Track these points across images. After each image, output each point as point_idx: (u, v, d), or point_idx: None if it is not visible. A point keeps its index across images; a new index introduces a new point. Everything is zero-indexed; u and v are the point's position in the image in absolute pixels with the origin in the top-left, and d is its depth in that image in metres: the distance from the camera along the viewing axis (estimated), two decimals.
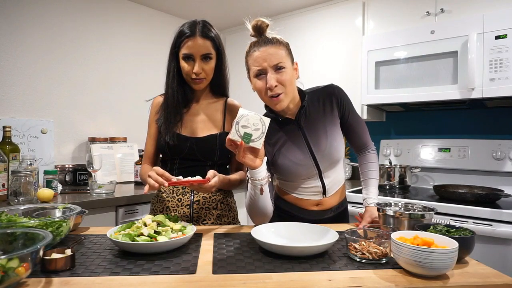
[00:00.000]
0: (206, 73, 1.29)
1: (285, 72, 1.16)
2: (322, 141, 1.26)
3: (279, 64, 1.16)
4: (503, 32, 1.82)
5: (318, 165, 1.27)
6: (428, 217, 1.07)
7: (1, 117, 2.10)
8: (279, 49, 1.18)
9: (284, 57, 1.17)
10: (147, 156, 1.42)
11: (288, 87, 1.18)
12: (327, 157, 1.27)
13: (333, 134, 1.28)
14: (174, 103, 1.33)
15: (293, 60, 1.24)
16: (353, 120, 1.31)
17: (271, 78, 1.15)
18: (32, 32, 2.24)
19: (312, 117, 1.28)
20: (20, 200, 1.69)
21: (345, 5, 2.54)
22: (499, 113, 2.24)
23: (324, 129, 1.27)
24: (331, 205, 1.34)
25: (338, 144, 1.28)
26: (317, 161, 1.27)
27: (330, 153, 1.26)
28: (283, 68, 1.16)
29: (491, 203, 1.77)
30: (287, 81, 1.17)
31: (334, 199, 1.34)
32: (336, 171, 1.32)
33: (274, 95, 1.18)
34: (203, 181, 1.11)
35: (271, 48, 1.17)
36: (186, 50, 1.26)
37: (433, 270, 0.77)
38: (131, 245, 0.92)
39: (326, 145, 1.26)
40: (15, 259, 0.69)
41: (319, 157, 1.26)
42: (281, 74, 1.16)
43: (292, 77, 1.20)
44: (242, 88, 3.14)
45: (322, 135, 1.26)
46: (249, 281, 0.78)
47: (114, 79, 2.68)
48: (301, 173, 1.27)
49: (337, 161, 1.31)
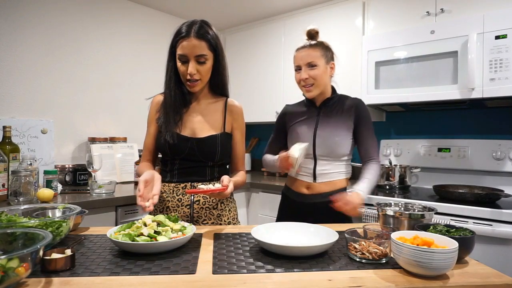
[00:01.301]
0: (201, 74, 1.28)
1: (317, 69, 1.48)
2: (327, 131, 1.51)
3: (311, 63, 1.47)
4: (503, 32, 1.82)
5: (315, 147, 1.51)
6: (428, 217, 1.07)
7: (1, 117, 2.10)
8: (314, 51, 1.49)
9: (317, 57, 1.48)
10: (145, 154, 1.42)
11: (318, 81, 1.49)
12: (324, 144, 1.50)
13: (340, 132, 1.50)
14: (172, 103, 1.33)
15: (330, 61, 1.53)
16: (365, 133, 1.53)
17: (304, 73, 1.49)
18: (32, 32, 2.24)
19: (332, 111, 1.55)
20: (20, 200, 1.69)
21: (345, 5, 2.54)
22: (499, 113, 2.24)
23: (336, 124, 1.51)
24: (320, 191, 1.52)
25: (340, 142, 1.49)
26: (315, 144, 1.52)
27: (329, 144, 1.49)
28: (315, 66, 1.47)
29: (491, 203, 1.77)
30: (318, 76, 1.48)
31: (324, 187, 1.52)
32: (332, 165, 1.52)
33: (305, 85, 1.50)
34: (223, 189, 1.11)
35: (308, 50, 1.50)
36: (181, 50, 1.26)
37: (433, 270, 0.78)
38: (131, 245, 0.92)
39: (329, 134, 1.50)
40: (15, 259, 0.69)
41: (318, 141, 1.51)
42: (313, 70, 1.48)
43: (324, 73, 1.50)
44: (242, 88, 3.15)
45: (330, 127, 1.51)
46: (249, 281, 0.78)
47: (114, 79, 2.68)
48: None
49: (334, 155, 1.51)
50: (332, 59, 1.54)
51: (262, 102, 3.03)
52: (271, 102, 2.97)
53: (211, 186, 1.13)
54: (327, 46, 1.53)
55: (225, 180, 1.15)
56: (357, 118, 1.52)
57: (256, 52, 3.09)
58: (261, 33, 3.06)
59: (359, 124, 1.53)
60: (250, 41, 3.15)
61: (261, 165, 3.28)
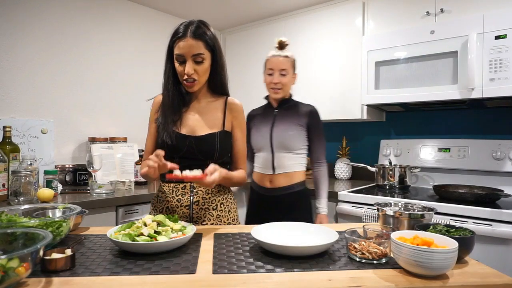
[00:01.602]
0: (198, 74, 1.28)
1: (287, 76, 1.78)
2: (282, 127, 1.78)
3: (284, 70, 1.76)
4: (503, 32, 1.82)
5: (272, 140, 1.78)
6: (428, 217, 1.07)
7: (1, 117, 2.10)
8: (287, 61, 1.77)
9: (288, 66, 1.77)
10: (147, 153, 1.42)
11: (286, 86, 1.80)
12: (280, 138, 1.77)
13: (294, 128, 1.77)
14: (169, 103, 1.33)
15: (295, 71, 1.83)
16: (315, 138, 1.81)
17: (276, 78, 1.77)
18: (32, 32, 2.24)
19: (287, 112, 1.83)
20: (20, 200, 1.69)
21: (345, 5, 2.54)
22: (499, 113, 2.24)
23: (290, 122, 1.79)
24: (279, 185, 1.77)
25: (294, 136, 1.76)
26: (272, 137, 1.78)
27: (284, 137, 1.76)
28: (286, 74, 1.77)
29: (491, 203, 1.77)
30: (287, 82, 1.79)
31: (283, 180, 1.77)
32: (288, 158, 1.77)
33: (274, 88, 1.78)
34: (201, 177, 1.11)
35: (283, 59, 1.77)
36: (178, 50, 1.26)
37: (433, 270, 0.78)
38: (131, 245, 0.92)
39: (284, 129, 1.77)
40: (15, 259, 0.69)
41: (274, 135, 1.78)
42: (284, 77, 1.77)
43: (290, 81, 1.80)
44: (242, 88, 3.15)
45: (285, 123, 1.79)
46: (249, 281, 0.78)
47: (114, 79, 2.68)
48: (258, 139, 1.82)
49: (289, 147, 1.76)
50: (295, 70, 1.83)
51: (262, 102, 3.01)
52: None
53: (195, 171, 1.13)
54: (295, 60, 1.82)
55: (210, 168, 1.15)
56: (310, 123, 1.79)
57: (256, 52, 3.09)
58: (261, 33, 3.06)
59: (310, 129, 1.80)
60: (250, 41, 3.15)
61: None
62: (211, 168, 1.15)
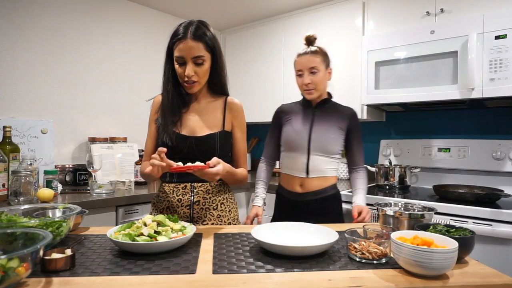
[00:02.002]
0: (199, 75, 1.28)
1: (318, 74, 1.58)
2: (322, 128, 1.62)
3: (313, 68, 1.57)
4: (503, 32, 1.82)
5: (310, 141, 1.61)
6: (428, 217, 1.07)
7: (1, 117, 2.10)
8: (315, 57, 1.58)
9: (318, 63, 1.58)
10: (147, 154, 1.41)
11: (319, 85, 1.60)
12: (319, 140, 1.60)
13: (334, 131, 1.62)
14: (169, 104, 1.33)
15: (328, 66, 1.63)
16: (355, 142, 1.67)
17: (306, 78, 1.58)
18: (32, 32, 2.24)
19: (326, 112, 1.66)
20: (20, 200, 1.69)
21: (345, 5, 2.54)
22: (499, 113, 2.24)
23: (330, 124, 1.63)
24: (312, 188, 1.61)
25: (333, 140, 1.61)
26: (311, 138, 1.61)
27: (323, 140, 1.60)
28: (316, 71, 1.58)
29: (491, 203, 1.77)
30: (319, 81, 1.59)
31: (316, 184, 1.61)
32: (324, 162, 1.61)
33: (307, 90, 1.61)
34: (203, 167, 1.10)
35: (310, 56, 1.59)
36: (178, 52, 1.25)
37: (433, 270, 0.78)
38: (131, 245, 0.92)
39: (324, 131, 1.61)
40: (15, 259, 0.69)
41: (313, 137, 1.61)
42: (315, 75, 1.58)
43: (324, 78, 1.61)
44: (242, 88, 3.15)
45: (325, 125, 1.62)
46: (249, 281, 0.78)
47: (114, 79, 2.68)
48: (295, 140, 1.63)
49: (327, 151, 1.60)
50: (329, 64, 1.64)
51: (262, 102, 3.03)
52: (271, 102, 2.97)
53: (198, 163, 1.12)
54: (326, 53, 1.63)
55: (213, 160, 1.14)
56: (351, 126, 1.65)
57: (256, 52, 3.09)
58: (261, 33, 3.06)
59: (351, 132, 1.65)
60: (250, 41, 3.15)
61: None
62: (214, 160, 1.14)
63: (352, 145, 1.67)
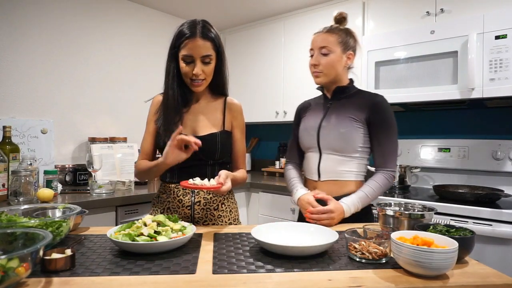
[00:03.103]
0: (206, 74, 1.28)
1: (329, 56, 1.36)
2: (333, 122, 1.38)
3: (324, 48, 1.36)
4: (503, 32, 1.82)
5: (319, 138, 1.40)
6: (428, 217, 1.07)
7: (1, 117, 2.10)
8: (330, 36, 1.36)
9: (332, 43, 1.35)
10: (144, 153, 1.39)
11: (328, 69, 1.37)
12: (327, 136, 1.38)
13: (348, 124, 1.35)
14: (174, 104, 1.32)
15: (347, 50, 1.39)
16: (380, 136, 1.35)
17: (314, 58, 1.38)
18: (32, 32, 2.24)
19: (344, 103, 1.41)
20: (20, 200, 1.69)
21: (345, 5, 2.54)
22: (499, 113, 2.24)
23: (344, 115, 1.37)
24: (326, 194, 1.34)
25: (346, 135, 1.34)
26: (319, 134, 1.40)
27: (333, 135, 1.36)
28: (328, 52, 1.36)
29: (491, 203, 1.77)
30: (328, 64, 1.36)
31: (328, 189, 1.37)
32: (339, 162, 1.37)
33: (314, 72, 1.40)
34: (216, 188, 1.10)
35: (324, 34, 1.38)
36: (186, 51, 1.24)
37: (433, 270, 0.78)
38: (131, 245, 0.92)
39: (334, 126, 1.37)
40: (15, 259, 0.69)
41: (322, 133, 1.39)
42: (325, 57, 1.36)
43: (337, 61, 1.37)
44: (242, 88, 3.15)
45: (338, 118, 1.38)
46: (249, 281, 0.78)
47: (114, 79, 2.68)
48: (305, 137, 1.45)
49: (340, 149, 1.36)
50: (352, 48, 1.40)
51: (262, 102, 3.03)
52: (271, 102, 2.97)
53: (206, 181, 1.12)
54: (349, 34, 1.39)
55: (222, 175, 1.15)
56: (371, 118, 1.35)
57: (256, 52, 3.09)
58: (261, 33, 3.06)
59: (373, 123, 1.35)
60: (250, 41, 3.15)
61: (261, 165, 3.30)
62: (224, 176, 1.14)
63: (373, 142, 1.37)
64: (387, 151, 1.35)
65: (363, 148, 1.37)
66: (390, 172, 1.35)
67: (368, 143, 1.38)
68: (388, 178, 1.34)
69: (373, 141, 1.37)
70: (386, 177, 1.34)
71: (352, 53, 1.40)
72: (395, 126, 1.36)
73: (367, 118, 1.35)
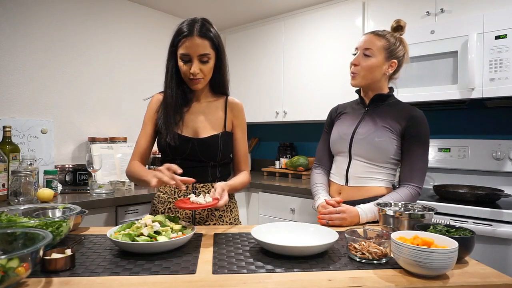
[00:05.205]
0: (204, 73, 1.27)
1: (370, 59, 1.35)
2: (369, 129, 1.36)
3: (367, 50, 1.35)
4: (503, 32, 1.82)
5: (351, 144, 1.39)
6: (428, 217, 1.07)
7: (1, 117, 2.10)
8: (377, 39, 1.35)
9: (376, 47, 1.34)
10: (138, 152, 1.37)
11: (365, 72, 1.35)
12: (361, 143, 1.36)
13: (384, 134, 1.34)
14: (173, 103, 1.31)
15: (391, 58, 1.36)
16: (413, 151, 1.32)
17: (356, 58, 1.37)
18: (32, 32, 2.24)
19: (381, 112, 1.40)
20: (20, 200, 1.69)
21: (345, 5, 2.54)
22: (499, 113, 2.24)
23: (381, 124, 1.35)
24: (350, 198, 1.36)
25: (381, 144, 1.33)
26: (353, 140, 1.39)
27: (367, 143, 1.34)
28: (370, 55, 1.34)
29: (491, 203, 1.77)
30: (367, 67, 1.35)
31: (353, 194, 1.37)
32: (367, 169, 1.36)
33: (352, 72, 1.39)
34: (213, 205, 1.06)
35: (372, 36, 1.37)
36: (183, 50, 1.24)
37: (433, 270, 0.78)
38: (131, 245, 0.92)
39: (369, 133, 1.35)
40: (15, 259, 0.69)
41: (356, 139, 1.38)
42: (365, 59, 1.35)
43: (377, 67, 1.35)
44: (242, 88, 3.15)
45: (374, 126, 1.36)
46: (249, 281, 0.78)
47: (114, 79, 2.68)
48: (337, 141, 1.44)
49: (372, 157, 1.34)
50: (397, 58, 1.37)
51: (262, 102, 3.03)
52: (271, 102, 2.97)
53: (201, 199, 1.09)
54: (398, 43, 1.37)
55: (218, 189, 1.11)
56: (407, 130, 1.33)
57: (256, 52, 3.09)
58: (261, 33, 3.06)
59: (407, 137, 1.33)
60: (250, 41, 3.15)
61: (261, 165, 3.30)
62: (219, 190, 1.11)
63: (404, 155, 1.34)
64: (416, 167, 1.32)
65: (394, 160, 1.36)
66: (415, 187, 1.32)
67: (399, 155, 1.36)
68: (413, 193, 1.30)
69: (404, 154, 1.35)
70: (411, 191, 1.30)
71: (396, 61, 1.37)
72: (428, 143, 1.35)
73: (402, 130, 1.33)
